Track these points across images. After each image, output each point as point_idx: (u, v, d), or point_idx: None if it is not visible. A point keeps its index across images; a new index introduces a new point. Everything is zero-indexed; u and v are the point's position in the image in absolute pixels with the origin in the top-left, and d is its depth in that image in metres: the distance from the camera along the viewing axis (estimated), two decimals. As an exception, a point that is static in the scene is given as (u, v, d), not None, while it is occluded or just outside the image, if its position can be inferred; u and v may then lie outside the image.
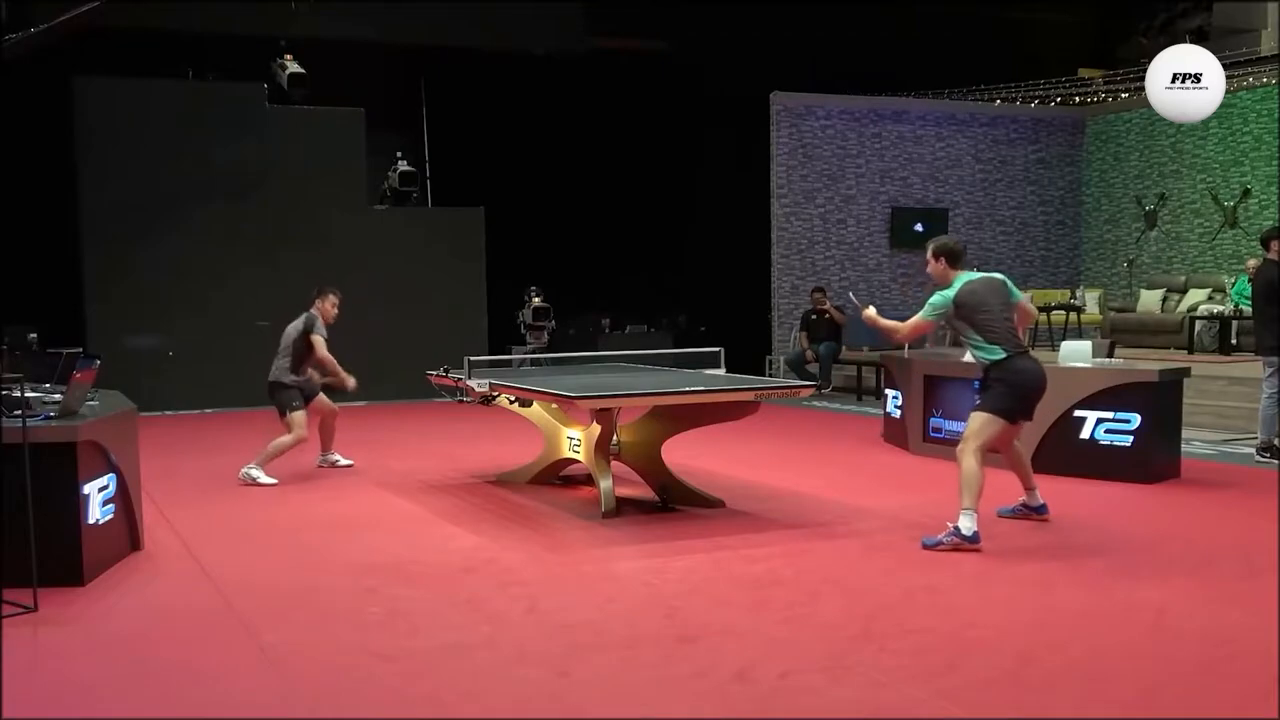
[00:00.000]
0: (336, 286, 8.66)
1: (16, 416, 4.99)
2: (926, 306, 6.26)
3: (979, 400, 6.24)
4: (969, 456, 5.94)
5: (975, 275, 6.30)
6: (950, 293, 6.16)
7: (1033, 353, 6.48)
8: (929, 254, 6.36)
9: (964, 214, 17.04)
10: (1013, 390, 6.07)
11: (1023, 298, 6.36)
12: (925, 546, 5.89)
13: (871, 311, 6.57)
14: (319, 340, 8.21)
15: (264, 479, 8.11)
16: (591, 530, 6.59)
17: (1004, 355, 6.05)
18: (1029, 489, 6.57)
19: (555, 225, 15.57)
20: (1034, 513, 6.56)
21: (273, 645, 4.50)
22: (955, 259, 6.28)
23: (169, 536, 6.50)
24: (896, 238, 16.59)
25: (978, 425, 6.05)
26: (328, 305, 8.43)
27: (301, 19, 13.54)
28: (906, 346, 10.14)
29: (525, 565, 5.80)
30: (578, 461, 7.59)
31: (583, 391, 6.63)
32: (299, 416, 8.22)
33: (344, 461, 8.93)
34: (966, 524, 5.82)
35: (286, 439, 8.19)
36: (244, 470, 8.17)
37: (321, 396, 8.60)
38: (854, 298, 7.03)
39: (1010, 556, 5.80)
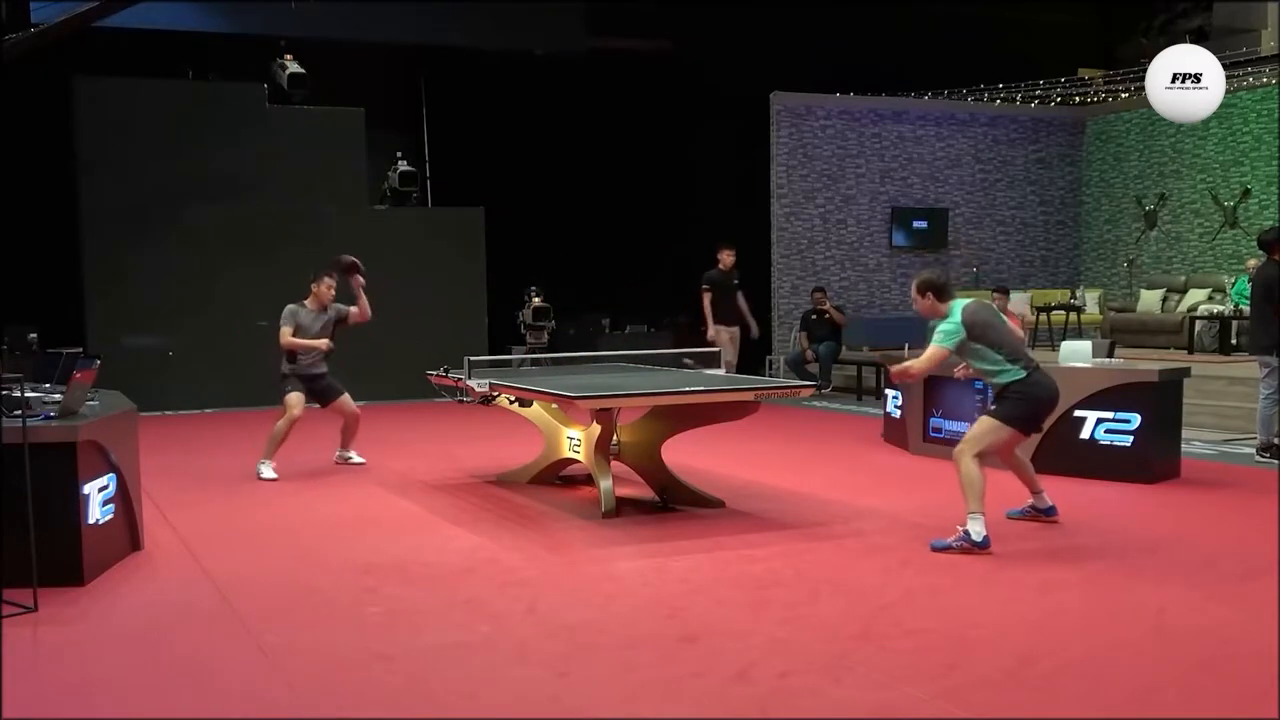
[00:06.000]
0: (331, 270, 8.80)
1: (16, 416, 4.99)
2: (938, 335, 6.08)
3: (993, 407, 6.17)
4: (967, 459, 5.91)
5: (966, 300, 6.25)
6: (956, 318, 6.04)
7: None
8: (914, 291, 6.26)
9: (964, 214, 17.05)
10: (1033, 404, 6.04)
11: (1004, 318, 6.38)
12: (934, 549, 5.88)
13: (894, 367, 6.57)
14: (282, 330, 8.42)
15: (266, 474, 8.30)
16: (591, 530, 6.59)
17: (1025, 373, 6.01)
18: (1035, 493, 6.56)
19: (555, 225, 15.56)
20: (1042, 514, 6.55)
21: (273, 645, 4.50)
22: (942, 293, 6.18)
23: (169, 536, 6.50)
24: (896, 238, 16.60)
25: (982, 430, 6.03)
26: (323, 288, 8.61)
27: (301, 19, 13.54)
28: (906, 347, 10.14)
29: (525, 565, 5.80)
30: (578, 461, 7.59)
31: (583, 391, 6.62)
32: (291, 397, 8.42)
33: (356, 459, 9.04)
34: (976, 529, 5.80)
35: (280, 423, 8.39)
36: (257, 465, 8.41)
37: (345, 399, 8.75)
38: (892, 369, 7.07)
39: (1010, 557, 5.80)
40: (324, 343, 8.55)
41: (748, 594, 5.19)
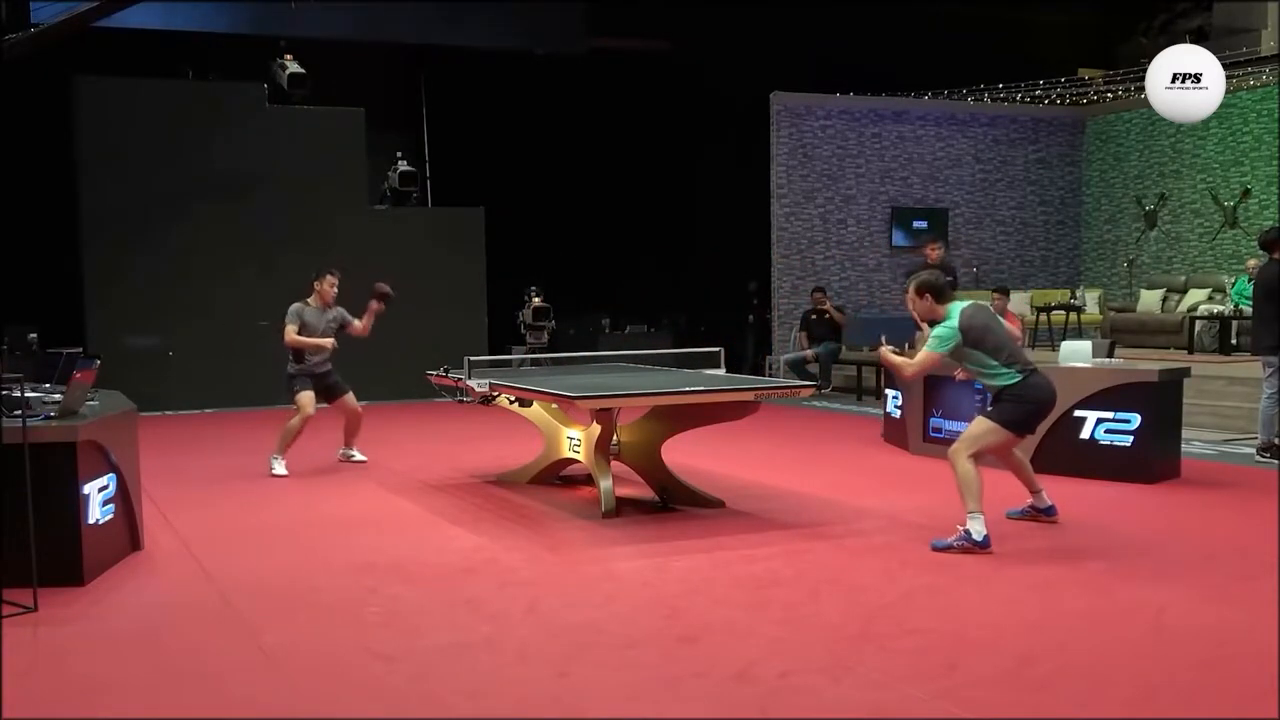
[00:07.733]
0: (334, 267, 8.84)
1: (16, 416, 4.99)
2: (932, 339, 6.06)
3: (989, 410, 6.17)
4: (962, 459, 5.91)
5: (964, 303, 6.16)
6: (953, 322, 5.99)
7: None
8: (910, 292, 6.14)
9: (964, 214, 17.04)
10: (1027, 406, 6.04)
11: (1002, 320, 6.36)
12: (935, 549, 5.87)
13: (884, 350, 6.44)
14: (287, 329, 8.47)
15: (279, 469, 8.42)
16: (591, 530, 6.59)
17: (1021, 377, 6.00)
18: (1034, 492, 6.55)
19: (555, 225, 15.57)
20: (1042, 514, 6.54)
21: (273, 645, 4.50)
22: (941, 295, 6.08)
23: (169, 536, 6.50)
24: (896, 238, 16.60)
25: (978, 431, 6.03)
26: (325, 286, 8.66)
27: (301, 19, 13.54)
28: (906, 345, 10.13)
29: (525, 565, 5.80)
30: (578, 461, 7.59)
31: (583, 391, 6.63)
32: (302, 396, 8.48)
33: (359, 457, 9.10)
34: (976, 528, 5.81)
35: (293, 420, 8.48)
36: (270, 460, 8.51)
37: (349, 397, 8.83)
38: (883, 339, 7.01)
39: (1010, 557, 5.80)
40: (329, 342, 8.61)
41: (748, 594, 5.19)
